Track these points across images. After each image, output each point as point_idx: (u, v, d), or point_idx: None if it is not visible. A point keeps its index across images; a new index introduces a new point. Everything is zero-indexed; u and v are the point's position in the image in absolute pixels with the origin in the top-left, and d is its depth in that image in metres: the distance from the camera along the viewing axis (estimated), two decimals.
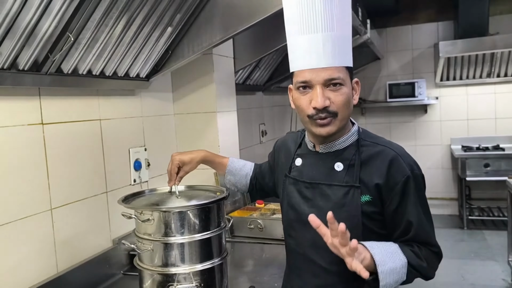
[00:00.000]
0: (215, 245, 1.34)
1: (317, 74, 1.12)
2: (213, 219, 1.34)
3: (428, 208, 1.22)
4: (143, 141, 2.07)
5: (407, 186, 1.16)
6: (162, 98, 2.26)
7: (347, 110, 1.17)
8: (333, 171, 1.21)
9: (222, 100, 2.34)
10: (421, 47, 5.40)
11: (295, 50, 1.18)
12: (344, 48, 1.15)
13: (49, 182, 1.53)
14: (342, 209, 1.17)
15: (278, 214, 2.26)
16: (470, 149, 4.98)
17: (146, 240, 1.29)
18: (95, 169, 1.76)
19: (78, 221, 1.66)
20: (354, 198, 1.16)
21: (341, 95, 1.14)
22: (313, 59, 1.13)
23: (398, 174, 1.16)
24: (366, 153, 1.20)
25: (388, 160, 1.17)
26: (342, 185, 1.19)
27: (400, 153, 1.20)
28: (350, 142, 1.23)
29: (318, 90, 1.13)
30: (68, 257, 1.60)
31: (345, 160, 1.21)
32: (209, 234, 1.31)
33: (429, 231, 1.20)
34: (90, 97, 1.74)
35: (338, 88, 1.13)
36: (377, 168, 1.17)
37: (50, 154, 1.53)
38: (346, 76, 1.15)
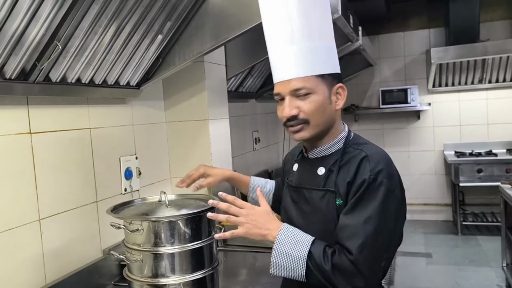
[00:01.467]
0: (206, 255, 1.32)
1: (285, 86, 1.20)
2: (204, 229, 1.32)
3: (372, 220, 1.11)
4: (134, 150, 2.05)
5: (360, 188, 1.14)
6: (154, 106, 2.24)
7: (320, 116, 1.20)
8: (316, 176, 1.26)
9: (214, 107, 2.33)
10: (413, 54, 5.43)
11: (271, 63, 1.27)
12: (313, 58, 1.19)
13: (37, 192, 1.50)
14: (319, 212, 1.22)
15: None
16: (463, 154, 5.00)
17: (135, 251, 1.27)
18: (85, 179, 1.74)
19: (67, 231, 1.63)
20: (330, 202, 1.20)
21: (310, 103, 1.18)
22: (281, 72, 1.21)
23: (359, 175, 1.16)
24: (346, 158, 1.22)
25: (358, 162, 1.18)
26: (319, 189, 1.23)
27: (371, 155, 1.18)
28: (337, 147, 1.26)
29: (286, 101, 1.20)
30: (57, 268, 1.57)
31: (327, 164, 1.24)
32: (199, 244, 1.29)
33: (354, 235, 1.11)
34: (79, 106, 1.72)
35: (306, 97, 1.18)
36: (349, 171, 1.18)
37: (38, 164, 1.51)
38: (316, 84, 1.18)
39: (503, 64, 4.81)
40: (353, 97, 5.63)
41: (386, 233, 1.14)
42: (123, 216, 1.31)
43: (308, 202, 1.25)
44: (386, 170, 1.16)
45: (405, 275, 3.83)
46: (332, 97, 1.22)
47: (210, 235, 1.34)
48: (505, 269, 3.49)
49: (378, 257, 1.13)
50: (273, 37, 1.22)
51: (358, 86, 5.63)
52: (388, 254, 1.17)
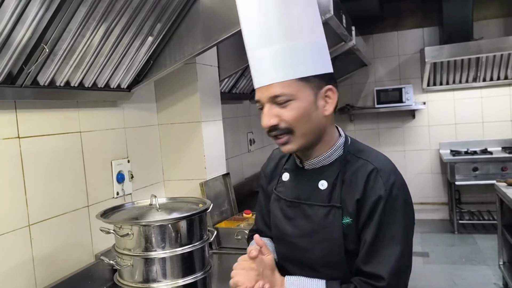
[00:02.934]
0: (197, 259, 1.30)
1: (263, 93, 1.07)
2: (195, 232, 1.30)
3: (397, 237, 1.05)
4: (126, 153, 2.03)
5: (377, 205, 1.05)
6: (146, 109, 2.23)
7: (304, 125, 1.07)
8: (317, 190, 1.13)
9: (207, 109, 2.32)
10: (407, 53, 5.43)
11: (250, 67, 1.12)
12: (294, 58, 1.05)
13: (26, 198, 1.48)
14: (324, 230, 1.10)
15: None
16: (458, 153, 5.00)
17: (125, 256, 1.26)
18: (76, 183, 1.71)
19: (58, 236, 1.61)
20: (336, 219, 1.08)
21: (291, 110, 1.04)
22: (259, 77, 1.08)
23: (372, 191, 1.06)
24: (349, 169, 1.11)
25: (366, 175, 1.07)
26: (324, 205, 1.11)
27: (380, 168, 1.08)
28: (336, 156, 1.14)
29: (265, 109, 1.07)
30: (48, 274, 1.55)
31: (329, 177, 1.12)
32: (191, 248, 1.27)
33: (381, 260, 1.04)
34: (69, 109, 1.70)
35: (287, 104, 1.04)
36: (356, 186, 1.08)
37: (27, 169, 1.48)
38: (298, 89, 1.04)
39: (497, 62, 4.81)
40: (348, 97, 5.62)
41: (410, 247, 1.08)
42: (113, 221, 1.29)
43: (309, 219, 1.12)
44: (398, 181, 1.08)
45: None
46: (319, 102, 1.08)
47: (201, 238, 1.32)
48: (501, 268, 3.48)
49: (407, 274, 1.08)
50: (249, 38, 1.07)
51: (353, 86, 5.62)
52: (409, 273, 1.10)
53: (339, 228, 1.07)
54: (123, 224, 1.26)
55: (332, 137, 1.14)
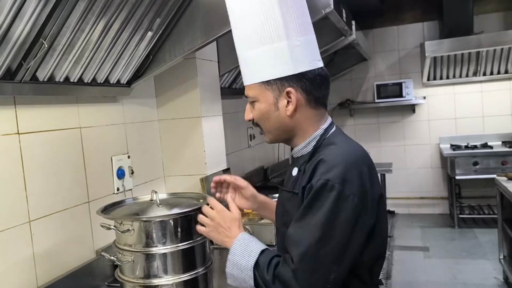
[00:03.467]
0: (198, 254, 1.30)
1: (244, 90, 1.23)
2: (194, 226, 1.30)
3: (318, 225, 1.04)
4: (126, 149, 2.02)
5: (308, 192, 1.09)
6: (145, 104, 2.22)
7: (265, 124, 1.19)
8: (291, 176, 1.23)
9: (207, 104, 2.31)
10: (408, 48, 5.41)
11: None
12: (254, 65, 1.16)
13: (26, 194, 1.48)
14: (287, 214, 1.18)
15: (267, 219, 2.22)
16: (458, 147, 5.00)
17: (126, 252, 1.25)
18: (76, 179, 1.71)
19: (58, 232, 1.61)
20: (294, 205, 1.15)
21: (255, 110, 1.19)
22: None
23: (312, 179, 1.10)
24: (312, 159, 1.15)
25: (313, 165, 1.12)
26: (287, 190, 1.21)
27: (328, 159, 1.10)
28: (310, 148, 1.19)
29: (247, 105, 1.23)
30: (49, 271, 1.55)
31: (300, 165, 1.19)
32: (192, 243, 1.27)
33: (297, 243, 1.05)
34: (69, 105, 1.69)
35: (254, 104, 1.19)
36: (306, 175, 1.13)
37: (27, 165, 1.48)
38: (259, 92, 1.16)
39: (497, 56, 4.80)
40: (348, 92, 5.61)
41: (334, 243, 1.04)
42: (113, 217, 1.29)
43: (282, 203, 1.25)
44: (341, 174, 1.06)
45: (402, 269, 3.82)
46: (280, 103, 1.15)
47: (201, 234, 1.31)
48: (502, 262, 3.49)
49: (322, 269, 1.03)
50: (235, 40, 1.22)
51: (352, 81, 5.61)
52: (340, 267, 1.05)
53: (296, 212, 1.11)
54: (123, 220, 1.25)
55: (309, 131, 1.20)
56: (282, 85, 1.14)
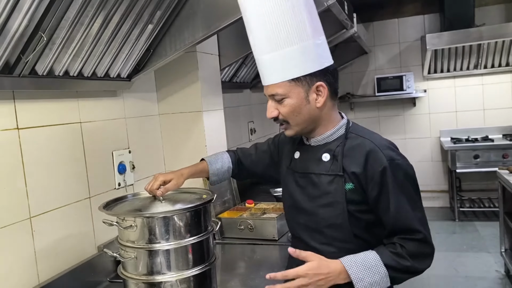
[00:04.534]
0: (202, 250, 1.28)
1: (265, 89, 1.30)
2: (200, 223, 1.28)
3: (413, 195, 1.26)
4: (127, 143, 2.00)
5: (385, 175, 1.22)
6: (146, 98, 2.19)
7: (296, 117, 1.27)
8: (321, 162, 1.32)
9: (208, 98, 2.29)
10: (408, 40, 5.38)
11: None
12: (284, 64, 1.23)
13: (27, 190, 1.46)
14: (328, 195, 1.28)
15: (269, 214, 2.21)
16: (459, 141, 4.98)
17: (129, 248, 1.24)
18: (77, 174, 1.69)
19: (60, 229, 1.59)
20: (339, 186, 1.26)
21: (284, 106, 1.26)
22: (262, 77, 1.30)
23: (375, 164, 1.23)
24: (348, 145, 1.30)
25: (366, 152, 1.25)
26: (328, 174, 1.29)
27: (379, 145, 1.27)
28: (337, 135, 1.33)
29: (268, 103, 1.31)
30: (50, 267, 1.53)
31: (331, 151, 1.31)
32: (195, 239, 1.25)
33: (410, 217, 1.22)
34: (69, 99, 1.67)
35: (282, 101, 1.26)
36: (355, 159, 1.26)
37: (27, 160, 1.46)
38: (289, 89, 1.24)
39: (498, 49, 4.77)
40: (348, 85, 5.59)
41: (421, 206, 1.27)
42: (115, 213, 1.27)
43: (316, 187, 1.31)
44: (396, 152, 1.28)
45: None
46: (311, 97, 1.26)
47: (206, 230, 1.30)
48: (503, 255, 3.48)
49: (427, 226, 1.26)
50: (253, 45, 1.28)
51: (353, 74, 5.58)
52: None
53: (342, 193, 1.26)
54: (126, 216, 1.23)
55: (333, 119, 1.34)
56: (311, 80, 1.25)
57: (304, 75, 1.24)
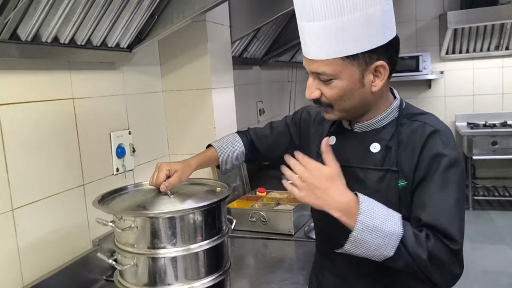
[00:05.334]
0: (216, 256, 1.07)
1: (308, 64, 1.05)
2: (214, 224, 1.06)
3: (458, 196, 1.02)
4: (126, 123, 1.77)
5: (433, 163, 1.01)
6: (148, 73, 1.95)
7: (344, 103, 1.05)
8: (369, 153, 1.09)
9: (218, 74, 2.04)
10: (426, 19, 5.08)
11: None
12: (339, 37, 0.97)
13: (8, 177, 1.23)
14: (378, 195, 1.04)
15: (284, 205, 1.99)
16: (476, 126, 4.74)
17: (128, 253, 1.02)
18: (69, 158, 1.47)
19: (48, 222, 1.37)
20: (391, 183, 1.05)
21: (331, 89, 1.03)
22: (305, 47, 1.04)
23: (429, 150, 1.03)
24: (405, 132, 1.07)
25: (426, 136, 1.03)
26: (378, 168, 1.07)
27: (441, 130, 1.04)
28: (389, 119, 1.09)
29: (309, 80, 1.07)
30: (37, 266, 1.32)
31: (382, 140, 1.08)
32: (209, 243, 1.04)
33: (450, 219, 0.99)
34: (59, 71, 1.43)
35: (328, 82, 1.03)
36: (412, 149, 1.04)
37: (9, 142, 1.23)
38: (341, 68, 1.00)
39: None
40: None
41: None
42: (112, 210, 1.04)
43: (362, 184, 1.08)
44: (453, 140, 1.06)
45: None
46: (367, 78, 1.02)
47: (220, 231, 1.08)
48: None
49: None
50: (299, 8, 1.02)
51: None
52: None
53: (395, 192, 1.05)
54: (124, 215, 1.01)
55: (385, 103, 1.10)
56: (371, 58, 1.00)
57: (363, 52, 0.98)
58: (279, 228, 1.86)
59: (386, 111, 1.09)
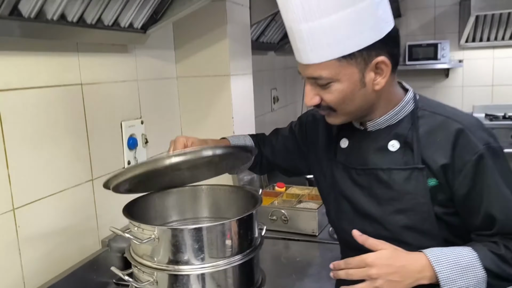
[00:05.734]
0: (249, 273, 0.92)
1: (303, 69, 0.98)
2: (246, 235, 0.92)
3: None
4: (139, 112, 1.62)
5: (479, 165, 0.93)
6: (162, 57, 1.79)
7: (349, 105, 0.98)
8: (387, 152, 1.01)
9: (237, 60, 1.88)
10: (445, 4, 4.87)
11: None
12: (333, 36, 0.90)
13: (8, 173, 1.09)
14: (407, 197, 0.98)
15: (306, 203, 1.85)
16: (495, 118, 4.56)
17: (146, 268, 0.88)
18: (76, 151, 1.32)
19: (52, 221, 1.23)
20: (419, 183, 0.97)
21: (331, 93, 0.96)
22: (297, 52, 0.97)
23: (466, 152, 0.94)
24: (424, 126, 0.99)
25: (453, 136, 0.95)
26: (402, 168, 0.99)
27: (468, 125, 0.96)
28: (404, 113, 1.02)
29: (307, 87, 1.00)
30: (41, 271, 1.19)
31: (399, 136, 1.01)
32: (241, 258, 0.89)
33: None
34: (66, 54, 1.28)
35: (327, 86, 0.95)
36: (440, 146, 0.96)
37: (9, 133, 1.09)
38: (339, 70, 0.93)
39: None
40: None
41: None
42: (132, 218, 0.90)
43: (387, 187, 1.00)
44: (487, 132, 0.98)
45: None
46: (367, 77, 0.95)
47: (251, 244, 0.94)
48: None
49: None
50: (285, 11, 0.94)
51: None
52: None
53: (426, 192, 0.97)
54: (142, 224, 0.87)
55: (395, 96, 1.02)
56: (369, 55, 0.93)
57: (360, 49, 0.91)
58: (302, 228, 1.72)
59: (400, 105, 1.01)
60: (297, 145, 1.28)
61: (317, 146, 1.20)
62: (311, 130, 1.23)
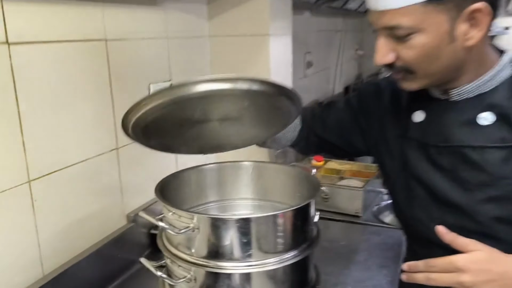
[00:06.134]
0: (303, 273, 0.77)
1: (377, 18, 0.82)
2: (302, 227, 0.76)
3: None
4: (168, 74, 1.46)
5: None
6: (194, 12, 1.60)
7: (432, 64, 0.81)
8: (477, 126, 0.85)
9: (277, 19, 1.68)
10: None
11: None
12: None
13: (23, 140, 0.95)
14: (502, 182, 0.83)
15: (348, 180, 1.68)
16: None
17: (182, 262, 0.73)
18: (99, 115, 1.17)
19: (72, 195, 1.10)
20: None
21: (411, 48, 0.80)
22: None
23: None
24: None
25: None
26: (498, 146, 0.83)
27: None
28: (499, 80, 0.84)
29: (379, 41, 0.84)
30: (59, 249, 1.07)
31: (495, 107, 0.84)
32: (294, 257, 0.74)
33: None
34: (88, 4, 1.11)
35: (406, 39, 0.79)
36: None
37: (23, 94, 0.94)
38: (423, 17, 0.77)
39: None
40: None
41: None
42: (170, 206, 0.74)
43: (479, 169, 0.84)
44: None
45: None
46: (459, 30, 0.77)
47: (305, 240, 0.78)
48: None
49: None
50: None
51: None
52: None
53: None
54: (178, 211, 0.71)
55: (489, 56, 0.85)
56: (464, 0, 0.75)
57: None
58: (345, 207, 1.57)
59: (494, 68, 0.84)
60: (355, 120, 1.11)
61: (382, 121, 1.03)
62: (373, 102, 1.06)
